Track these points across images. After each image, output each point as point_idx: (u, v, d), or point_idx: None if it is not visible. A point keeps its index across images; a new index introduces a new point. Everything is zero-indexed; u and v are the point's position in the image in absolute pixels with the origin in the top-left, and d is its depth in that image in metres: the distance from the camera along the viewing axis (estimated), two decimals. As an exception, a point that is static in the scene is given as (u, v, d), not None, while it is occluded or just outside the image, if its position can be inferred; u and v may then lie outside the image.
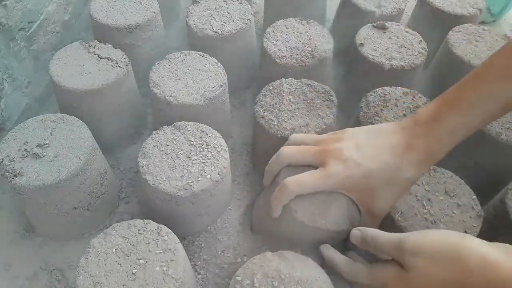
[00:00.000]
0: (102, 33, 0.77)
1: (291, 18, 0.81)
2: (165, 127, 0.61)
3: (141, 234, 0.49)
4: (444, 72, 0.81)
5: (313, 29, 0.79)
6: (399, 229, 0.52)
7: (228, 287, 0.50)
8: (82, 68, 0.68)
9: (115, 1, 0.80)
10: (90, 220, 0.64)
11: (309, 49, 0.75)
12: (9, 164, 0.55)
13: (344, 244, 0.55)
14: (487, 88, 0.44)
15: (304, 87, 0.68)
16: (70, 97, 0.67)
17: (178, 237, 0.50)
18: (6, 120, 0.73)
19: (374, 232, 0.46)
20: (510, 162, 0.64)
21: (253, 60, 0.87)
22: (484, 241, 0.38)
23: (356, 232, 0.49)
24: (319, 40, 0.77)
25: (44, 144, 0.57)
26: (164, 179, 0.55)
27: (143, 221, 0.50)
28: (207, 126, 0.62)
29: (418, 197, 0.55)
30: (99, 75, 0.67)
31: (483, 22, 1.14)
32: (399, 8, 0.87)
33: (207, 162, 0.57)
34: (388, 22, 0.81)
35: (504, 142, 0.63)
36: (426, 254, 0.39)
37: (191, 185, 0.55)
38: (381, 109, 0.65)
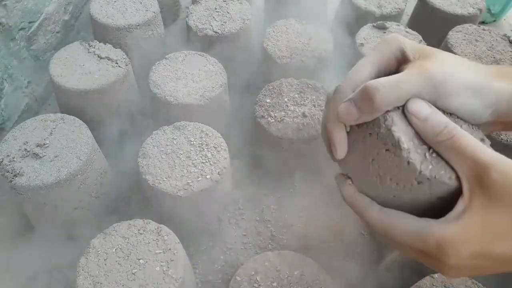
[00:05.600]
0: (102, 33, 0.77)
1: (291, 18, 0.81)
2: (165, 127, 0.61)
3: (141, 234, 0.49)
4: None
5: (313, 29, 0.79)
6: None
7: (228, 287, 0.51)
8: (82, 68, 0.68)
9: (115, 1, 0.80)
10: (90, 220, 0.64)
11: (309, 49, 0.75)
12: (9, 164, 0.55)
13: None
14: None
15: (304, 87, 0.68)
16: (70, 97, 0.67)
17: (178, 237, 0.50)
18: (6, 120, 0.73)
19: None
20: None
21: (253, 60, 0.87)
22: None
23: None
24: (319, 40, 0.76)
25: (44, 144, 0.57)
26: (164, 179, 0.55)
27: (143, 221, 0.50)
28: (207, 126, 0.62)
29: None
30: (99, 75, 0.67)
31: (483, 22, 1.14)
32: (399, 8, 0.87)
33: (207, 162, 0.57)
34: (388, 22, 0.81)
35: (504, 142, 0.63)
36: None
37: (191, 185, 0.55)
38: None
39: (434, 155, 0.30)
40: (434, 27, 0.90)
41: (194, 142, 0.60)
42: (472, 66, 0.34)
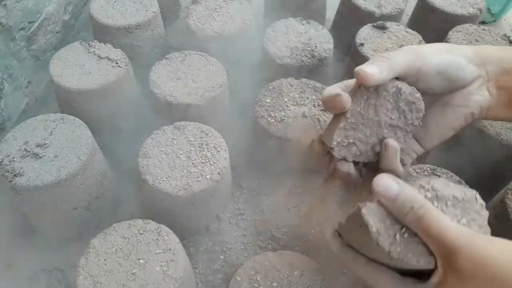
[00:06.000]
0: (102, 33, 0.77)
1: (291, 18, 0.81)
2: (165, 127, 0.61)
3: (141, 234, 0.49)
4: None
5: (313, 29, 0.79)
6: None
7: (228, 287, 0.51)
8: (82, 68, 0.68)
9: (115, 1, 0.80)
10: (90, 220, 0.64)
11: (309, 49, 0.75)
12: (9, 164, 0.55)
13: None
14: None
15: (304, 87, 0.68)
16: (70, 97, 0.67)
17: (178, 237, 0.50)
18: (6, 120, 0.73)
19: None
20: (510, 162, 0.64)
21: (253, 60, 0.87)
22: None
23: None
24: (319, 40, 0.76)
25: (44, 144, 0.57)
26: (164, 179, 0.55)
27: (143, 221, 0.50)
28: (207, 126, 0.62)
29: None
30: (99, 75, 0.67)
31: (483, 22, 1.14)
32: (399, 8, 0.87)
33: (207, 162, 0.57)
34: (388, 22, 0.81)
35: (504, 142, 0.63)
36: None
37: (191, 185, 0.55)
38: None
39: (406, 235, 0.31)
40: (434, 27, 0.90)
41: (194, 142, 0.60)
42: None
